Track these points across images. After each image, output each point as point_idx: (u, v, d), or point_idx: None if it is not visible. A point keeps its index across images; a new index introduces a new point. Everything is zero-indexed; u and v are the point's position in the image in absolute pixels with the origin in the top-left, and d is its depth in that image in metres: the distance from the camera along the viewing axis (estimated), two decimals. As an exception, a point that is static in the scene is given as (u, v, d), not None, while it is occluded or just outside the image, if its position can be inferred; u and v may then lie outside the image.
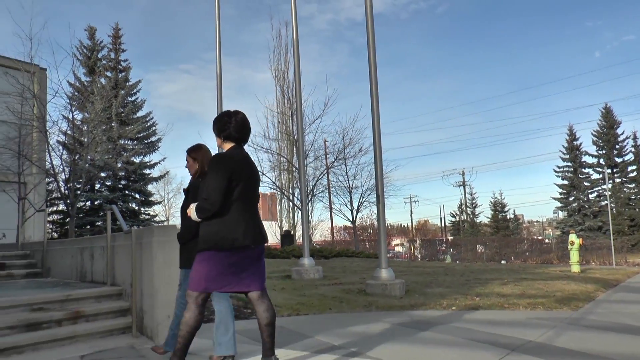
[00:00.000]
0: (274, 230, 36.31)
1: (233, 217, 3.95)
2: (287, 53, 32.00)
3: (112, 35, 32.83)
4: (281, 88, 30.64)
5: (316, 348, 5.39)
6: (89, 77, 30.69)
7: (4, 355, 5.13)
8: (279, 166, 27.78)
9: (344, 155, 25.45)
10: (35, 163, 17.87)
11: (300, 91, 13.48)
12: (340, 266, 15.25)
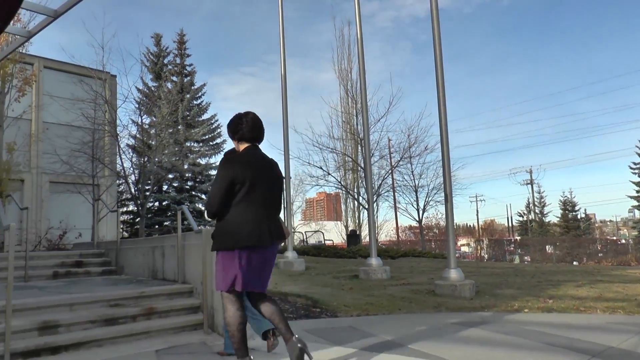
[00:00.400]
0: (339, 229, 36.30)
1: (237, 218, 3.96)
2: (350, 52, 31.97)
3: (177, 41, 33.68)
4: (345, 87, 30.65)
5: (386, 348, 5.31)
6: (156, 83, 31.62)
7: (86, 347, 5.31)
8: (344, 166, 27.71)
9: (410, 153, 25.11)
10: (108, 166, 18.57)
11: (366, 90, 13.39)
12: (407, 266, 15.06)
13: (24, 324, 5.27)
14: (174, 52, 33.49)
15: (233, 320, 3.95)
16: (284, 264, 13.69)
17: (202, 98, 33.35)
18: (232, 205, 3.97)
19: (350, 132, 27.50)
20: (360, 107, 23.04)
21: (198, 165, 31.23)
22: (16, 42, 10.68)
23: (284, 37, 14.95)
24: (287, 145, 14.57)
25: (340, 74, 31.52)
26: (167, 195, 29.91)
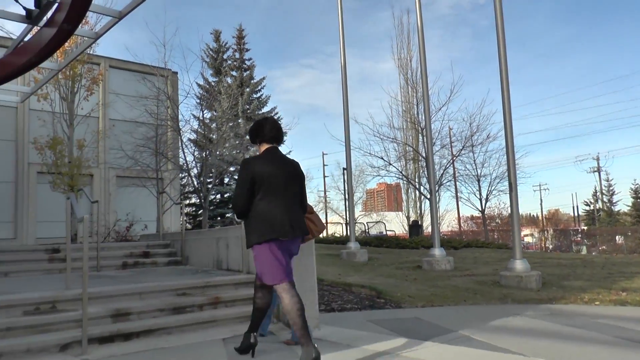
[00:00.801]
0: (400, 220, 36.00)
1: (261, 214, 4.22)
2: (409, 41, 31.52)
3: (236, 36, 34.12)
4: (405, 76, 30.26)
5: (453, 340, 5.22)
6: (216, 78, 32.16)
7: (156, 335, 5.45)
8: (405, 155, 27.41)
9: (472, 142, 24.54)
10: (171, 160, 19.03)
11: (427, 78, 13.17)
12: (471, 257, 14.80)
13: (98, 311, 5.46)
14: (233, 47, 33.99)
15: (290, 307, 4.14)
16: (346, 254, 13.68)
17: (261, 91, 33.74)
18: (255, 202, 4.26)
19: (410, 122, 27.13)
20: (420, 96, 22.74)
21: (259, 157, 31.57)
22: (85, 44, 11.03)
23: (343, 27, 14.88)
24: (348, 136, 14.55)
25: (400, 63, 31.15)
26: (228, 187, 30.43)
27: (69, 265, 6.28)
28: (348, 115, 14.60)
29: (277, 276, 4.19)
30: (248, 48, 34.24)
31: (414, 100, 27.25)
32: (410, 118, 27.19)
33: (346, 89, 14.67)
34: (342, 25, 14.88)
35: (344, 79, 14.70)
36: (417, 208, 31.48)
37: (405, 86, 30.08)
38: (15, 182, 20.04)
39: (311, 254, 6.01)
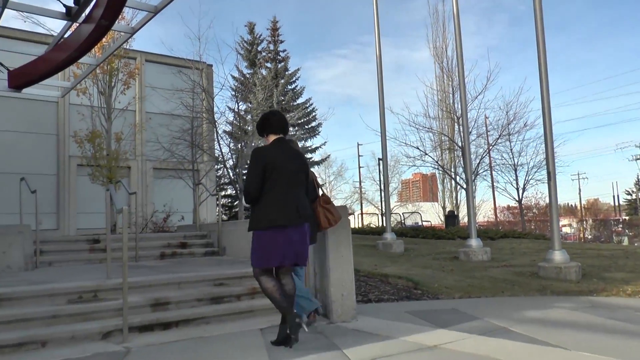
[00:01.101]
0: (436, 210, 35.71)
1: (269, 201, 4.46)
2: (445, 29, 31.06)
3: (271, 28, 34.21)
4: (440, 65, 29.88)
5: (491, 332, 5.15)
6: (251, 70, 32.30)
7: (194, 324, 5.52)
8: (440, 145, 27.10)
9: (508, 131, 24.07)
10: (207, 151, 19.21)
11: (463, 66, 12.99)
12: (508, 248, 14.59)
13: (138, 300, 5.56)
14: (268, 39, 34.10)
15: (271, 290, 4.53)
16: (382, 245, 13.63)
17: (296, 83, 33.80)
18: (265, 190, 4.48)
19: (446, 111, 26.79)
20: (456, 85, 22.42)
21: (294, 149, 31.70)
22: (121, 39, 11.18)
23: (378, 17, 14.75)
24: (383, 126, 14.44)
25: (435, 52, 30.73)
26: (264, 178, 30.56)
27: (109, 256, 6.40)
28: (384, 105, 14.50)
29: (263, 262, 4.53)
30: (282, 40, 34.35)
31: (449, 89, 26.86)
32: (446, 107, 26.82)
33: (381, 78, 14.56)
34: (377, 14, 14.75)
35: (379, 69, 14.60)
36: (453, 198, 31.17)
37: (440, 75, 29.72)
38: (57, 174, 20.51)
39: (348, 244, 6.00)
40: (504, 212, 43.28)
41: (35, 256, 8.42)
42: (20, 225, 8.33)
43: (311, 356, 4.36)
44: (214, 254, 10.06)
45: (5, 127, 19.55)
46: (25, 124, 19.96)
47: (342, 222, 5.92)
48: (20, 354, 4.59)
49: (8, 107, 19.30)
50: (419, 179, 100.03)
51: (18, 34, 18.44)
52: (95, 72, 16.04)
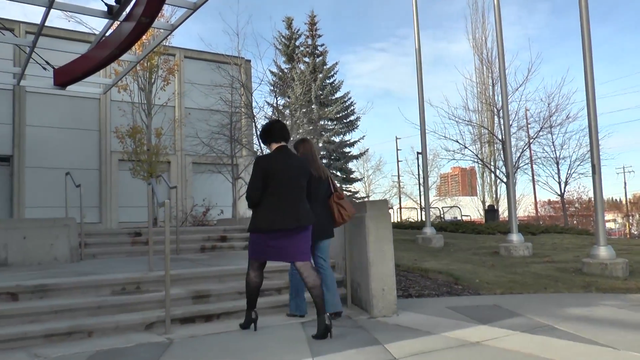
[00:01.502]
0: (475, 205, 35.24)
1: (268, 207, 4.82)
2: (484, 20, 30.49)
3: (309, 22, 34.20)
4: (479, 57, 29.36)
5: (535, 329, 5.04)
6: (289, 65, 32.37)
7: (235, 317, 5.56)
8: (480, 138, 26.67)
9: (550, 123, 23.49)
10: (245, 146, 19.35)
11: (504, 57, 12.74)
12: (550, 243, 14.31)
13: (180, 292, 5.63)
14: (305, 34, 34.11)
15: (253, 282, 5.00)
16: (422, 239, 13.53)
17: (334, 77, 33.73)
18: (266, 195, 4.83)
19: (486, 103, 26.35)
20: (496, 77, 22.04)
21: (332, 143, 31.70)
22: (161, 36, 11.31)
23: (417, 8, 14.59)
24: (423, 119, 14.30)
25: (475, 43, 30.17)
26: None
27: (151, 248, 6.50)
28: (423, 98, 14.34)
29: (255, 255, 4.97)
30: (320, 34, 34.29)
31: (489, 81, 26.43)
32: (486, 100, 26.40)
33: (421, 71, 14.41)
34: (416, 6, 14.60)
35: (418, 61, 14.45)
36: (493, 192, 30.69)
37: (480, 67, 29.20)
38: (99, 169, 20.94)
39: (389, 239, 5.96)
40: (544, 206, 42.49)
41: (80, 248, 8.61)
42: (66, 218, 8.52)
43: (352, 351, 4.35)
44: (253, 248, 10.11)
45: (50, 123, 20.05)
46: (69, 121, 20.43)
47: (382, 216, 5.92)
48: (69, 342, 4.71)
49: (53, 104, 19.80)
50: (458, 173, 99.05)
51: (62, 33, 18.85)
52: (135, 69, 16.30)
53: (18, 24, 19.11)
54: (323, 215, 5.54)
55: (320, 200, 5.53)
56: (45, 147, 19.79)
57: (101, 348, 4.51)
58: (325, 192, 5.63)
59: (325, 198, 5.63)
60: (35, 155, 19.63)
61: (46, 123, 19.97)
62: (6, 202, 19.31)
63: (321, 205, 5.55)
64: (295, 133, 20.04)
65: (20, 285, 5.30)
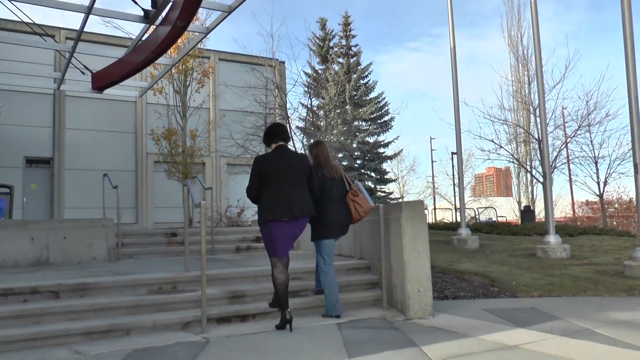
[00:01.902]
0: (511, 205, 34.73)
1: (267, 200, 5.24)
2: (520, 17, 30.00)
3: (342, 23, 34.16)
4: (515, 55, 28.93)
5: (575, 333, 4.93)
6: (323, 65, 32.40)
7: (271, 317, 5.57)
8: (515, 138, 26.25)
9: (588, 121, 22.92)
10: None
11: (540, 55, 12.49)
12: (588, 245, 13.99)
13: (216, 292, 5.68)
14: (339, 35, 34.08)
15: (275, 278, 5.19)
16: (457, 241, 13.38)
17: (368, 77, 33.61)
18: (263, 191, 5.26)
19: (522, 102, 25.92)
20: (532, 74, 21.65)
21: (367, 143, 31.59)
22: (196, 39, 11.44)
23: (452, 7, 14.43)
24: (458, 119, 14.11)
25: (510, 41, 29.73)
26: (337, 174, 30.61)
27: (187, 249, 6.57)
28: (458, 98, 14.15)
29: (273, 251, 5.22)
30: (354, 34, 34.20)
31: (525, 79, 25.95)
32: (522, 98, 25.97)
33: (455, 70, 14.24)
34: (451, 5, 14.43)
35: (453, 60, 14.29)
36: (529, 193, 30.18)
37: (515, 65, 28.77)
38: (135, 171, 21.28)
39: (425, 240, 5.92)
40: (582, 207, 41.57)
41: (117, 248, 8.77)
42: (104, 219, 8.68)
43: (389, 352, 4.32)
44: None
45: (89, 126, 20.47)
46: (106, 123, 20.82)
47: (418, 217, 5.88)
48: (107, 340, 4.79)
49: (91, 107, 20.20)
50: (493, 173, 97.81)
51: (99, 38, 19.21)
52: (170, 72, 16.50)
53: (58, 30, 19.56)
54: (341, 212, 5.86)
55: (335, 200, 5.84)
56: (83, 149, 20.22)
57: (139, 346, 4.58)
58: (341, 191, 5.93)
59: (342, 197, 5.92)
60: (74, 158, 20.07)
61: (84, 126, 20.40)
62: (47, 203, 19.79)
63: (338, 203, 5.86)
64: (329, 134, 20.04)
65: (62, 284, 5.42)
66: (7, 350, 4.48)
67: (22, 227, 8.04)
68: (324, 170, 5.85)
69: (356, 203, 5.91)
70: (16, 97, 18.89)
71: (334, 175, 5.88)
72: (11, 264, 7.75)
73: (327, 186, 5.77)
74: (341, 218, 5.87)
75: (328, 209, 5.73)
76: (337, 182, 5.88)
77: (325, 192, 5.75)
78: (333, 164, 6.13)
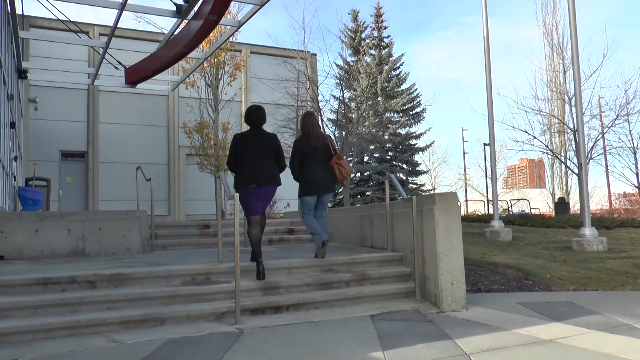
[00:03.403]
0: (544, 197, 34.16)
1: (240, 171, 6.30)
2: (555, 4, 29.30)
3: (374, 14, 34.03)
4: (550, 43, 28.34)
5: (613, 328, 4.81)
6: (355, 57, 32.32)
7: (304, 309, 5.60)
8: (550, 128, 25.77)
9: (627, 110, 22.32)
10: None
11: (577, 41, 12.17)
12: (627, 238, 13.66)
13: (249, 284, 5.72)
14: (371, 26, 34.00)
15: (252, 235, 6.21)
16: (490, 233, 13.22)
17: (400, 68, 33.43)
18: (240, 162, 6.31)
19: (556, 91, 25.40)
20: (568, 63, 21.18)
21: (398, 135, 31.43)
22: (228, 32, 11.48)
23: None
24: (491, 109, 13.85)
25: (545, 29, 29.10)
26: (368, 165, 30.57)
27: (220, 240, 6.61)
28: (491, 87, 13.89)
29: (247, 212, 6.32)
30: (386, 25, 34.02)
31: (560, 68, 25.42)
32: (556, 87, 25.46)
33: (489, 59, 14.00)
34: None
35: (486, 50, 14.05)
36: (563, 184, 29.63)
37: (550, 53, 28.18)
38: (167, 164, 21.56)
39: (458, 232, 5.86)
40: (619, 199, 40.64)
41: (151, 240, 8.88)
42: (137, 211, 8.80)
43: (422, 345, 4.29)
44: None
45: (122, 120, 20.80)
46: (139, 117, 21.13)
47: (452, 209, 5.83)
48: (143, 329, 4.88)
49: (124, 101, 20.53)
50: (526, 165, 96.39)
51: (132, 34, 19.49)
52: (202, 65, 16.65)
53: (92, 27, 19.89)
54: (321, 174, 6.78)
55: (319, 163, 6.77)
56: (117, 143, 20.56)
57: (173, 336, 4.64)
58: (325, 156, 6.81)
59: (325, 160, 6.81)
60: (108, 151, 20.43)
61: (118, 120, 20.74)
62: (82, 195, 20.19)
63: (320, 166, 6.78)
64: (361, 126, 19.97)
65: (98, 274, 5.51)
66: (47, 338, 4.59)
67: (59, 218, 8.21)
68: (308, 140, 6.75)
69: (340, 165, 6.81)
70: (52, 92, 19.31)
71: (317, 143, 6.74)
72: (49, 254, 7.92)
73: (310, 153, 6.71)
74: (322, 179, 6.77)
75: (309, 172, 6.72)
76: (321, 149, 6.76)
77: (310, 157, 6.71)
78: (318, 132, 6.91)
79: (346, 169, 6.85)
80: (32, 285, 5.25)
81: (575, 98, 12.74)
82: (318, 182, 6.76)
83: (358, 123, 19.21)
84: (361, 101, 20.82)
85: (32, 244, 7.88)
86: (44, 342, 4.50)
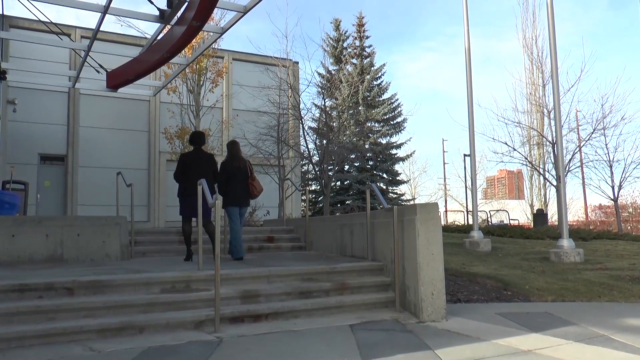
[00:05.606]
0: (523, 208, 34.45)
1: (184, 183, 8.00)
2: (535, 18, 29.56)
3: (356, 24, 34.14)
4: (529, 56, 28.65)
5: (590, 339, 4.87)
6: (336, 66, 32.40)
7: (284, 317, 5.59)
8: (529, 140, 26.05)
9: (603, 125, 22.66)
10: (293, 147, 19.43)
11: (556, 56, 12.35)
12: (602, 249, 13.85)
13: (229, 292, 5.69)
14: (353, 35, 34.10)
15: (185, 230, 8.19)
16: (469, 243, 13.30)
17: (382, 78, 33.55)
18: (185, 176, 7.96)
19: (536, 105, 25.71)
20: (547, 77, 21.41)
21: (379, 144, 31.53)
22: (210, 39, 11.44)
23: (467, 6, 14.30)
24: (472, 121, 13.95)
25: (525, 42, 29.42)
26: (348, 174, 30.62)
27: (200, 248, 6.57)
28: (472, 99, 13.99)
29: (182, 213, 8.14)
30: (368, 35, 34.14)
31: (539, 81, 25.75)
32: (536, 101, 25.76)
33: (470, 71, 14.11)
34: (467, 4, 14.30)
35: (467, 61, 14.16)
36: (542, 196, 29.93)
37: (530, 67, 28.47)
38: (148, 169, 21.40)
39: (439, 243, 5.89)
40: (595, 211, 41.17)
41: (130, 246, 8.80)
42: (117, 217, 8.72)
43: (401, 355, 4.30)
44: (300, 249, 10.15)
45: (103, 124, 20.61)
46: (120, 121, 20.95)
47: (433, 219, 5.86)
48: (121, 338, 4.82)
49: (105, 105, 20.34)
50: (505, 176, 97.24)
51: (114, 37, 19.34)
52: (185, 71, 16.58)
53: (74, 29, 19.72)
54: (241, 190, 8.38)
55: (240, 181, 8.36)
56: (97, 147, 20.36)
57: (152, 344, 4.60)
58: (244, 175, 8.44)
59: (245, 179, 8.43)
60: (88, 155, 20.21)
61: (98, 124, 20.54)
62: (61, 200, 19.94)
63: (241, 184, 8.37)
64: (342, 135, 20.00)
65: (76, 281, 5.44)
66: (22, 346, 4.52)
67: (37, 223, 8.10)
68: (232, 161, 8.39)
69: (252, 185, 8.47)
70: (32, 94, 19.07)
71: (239, 165, 8.41)
72: (26, 259, 7.81)
73: (234, 172, 8.31)
74: (242, 194, 8.40)
75: (233, 187, 8.29)
76: (242, 170, 8.41)
77: (233, 175, 8.29)
78: (241, 156, 8.60)
79: (257, 188, 8.54)
80: (8, 292, 5.16)
81: (554, 111, 12.89)
82: (241, 196, 8.41)
83: (339, 132, 19.25)
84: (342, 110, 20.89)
85: (8, 249, 7.76)
86: (19, 351, 4.43)
